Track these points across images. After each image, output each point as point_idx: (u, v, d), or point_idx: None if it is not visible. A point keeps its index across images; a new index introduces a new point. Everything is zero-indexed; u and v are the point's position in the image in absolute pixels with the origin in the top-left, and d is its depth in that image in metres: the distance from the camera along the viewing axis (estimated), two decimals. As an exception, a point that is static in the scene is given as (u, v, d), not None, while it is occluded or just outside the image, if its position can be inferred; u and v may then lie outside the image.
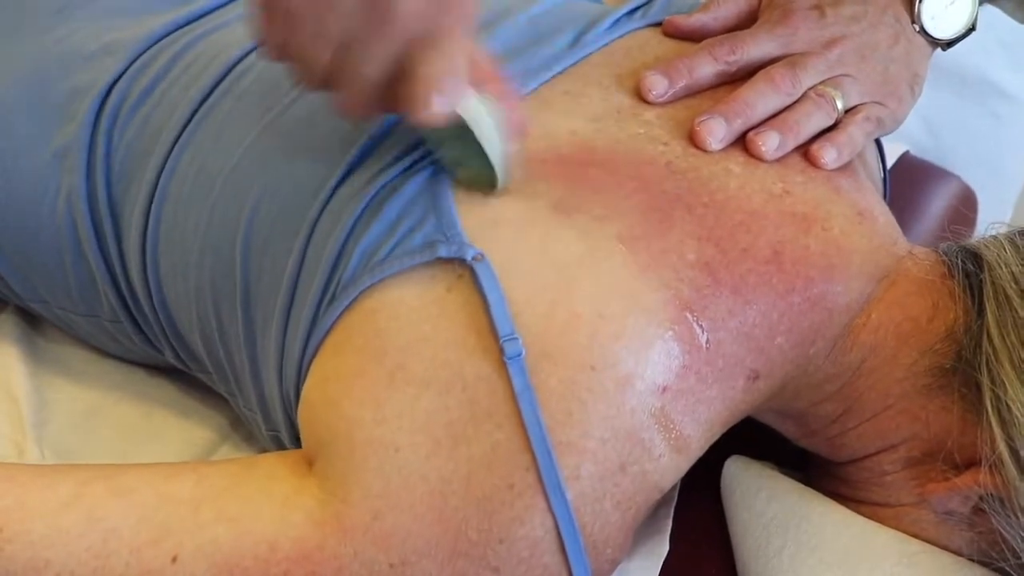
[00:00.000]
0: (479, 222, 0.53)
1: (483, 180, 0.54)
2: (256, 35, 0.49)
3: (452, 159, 0.55)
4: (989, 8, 0.74)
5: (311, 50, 0.48)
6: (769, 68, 0.62)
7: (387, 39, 0.47)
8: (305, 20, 0.47)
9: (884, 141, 0.71)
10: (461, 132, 0.51)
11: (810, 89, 0.61)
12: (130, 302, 0.67)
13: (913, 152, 1.04)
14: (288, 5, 0.46)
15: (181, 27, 0.68)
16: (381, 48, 0.47)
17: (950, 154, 1.15)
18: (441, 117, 0.49)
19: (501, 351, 0.50)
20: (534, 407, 0.50)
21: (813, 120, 0.60)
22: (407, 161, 0.56)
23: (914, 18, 0.66)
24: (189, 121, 0.63)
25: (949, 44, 0.68)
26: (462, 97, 0.50)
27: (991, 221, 0.61)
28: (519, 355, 0.50)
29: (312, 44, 0.47)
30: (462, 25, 0.48)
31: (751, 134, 0.59)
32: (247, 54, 0.65)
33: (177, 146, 0.63)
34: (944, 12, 0.66)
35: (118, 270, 0.65)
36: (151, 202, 0.62)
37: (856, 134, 0.61)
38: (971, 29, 0.67)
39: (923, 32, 0.66)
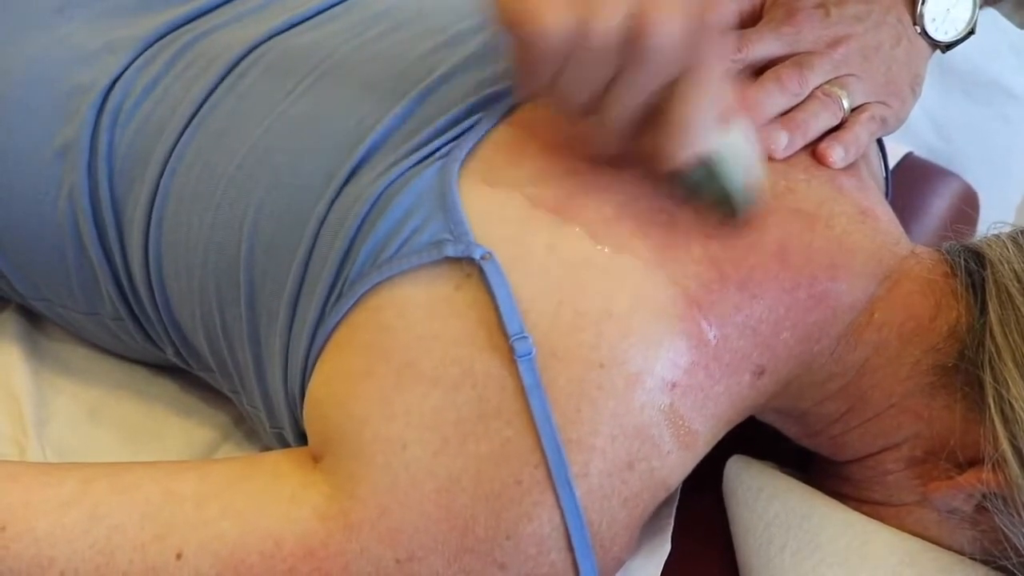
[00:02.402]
0: (486, 220, 0.53)
1: (726, 208, 0.54)
2: (510, 72, 0.49)
3: (694, 184, 0.54)
4: (996, 11, 0.75)
5: (567, 90, 0.48)
6: (776, 68, 0.62)
7: (647, 77, 0.47)
8: (563, 61, 0.47)
9: (890, 140, 0.72)
10: (708, 164, 0.51)
11: (816, 89, 0.62)
12: (132, 300, 0.67)
13: (922, 154, 1.04)
14: (546, 47, 0.46)
15: (181, 25, 0.68)
16: (640, 88, 0.47)
17: (959, 155, 1.16)
18: (693, 160, 0.50)
19: (511, 349, 0.50)
20: (544, 405, 0.50)
21: (820, 119, 0.61)
22: (414, 158, 0.56)
23: (915, 20, 0.66)
24: (191, 120, 0.63)
25: (949, 46, 0.68)
26: (713, 138, 0.50)
27: (995, 221, 0.61)
28: (529, 353, 0.50)
29: (568, 84, 0.48)
30: (717, 61, 0.48)
31: (760, 133, 0.59)
32: (249, 52, 0.65)
33: (179, 144, 0.62)
34: (945, 15, 0.67)
35: (120, 268, 0.65)
36: (153, 201, 0.62)
37: (862, 133, 0.62)
38: (971, 32, 0.68)
39: (924, 34, 0.67)
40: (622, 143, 0.51)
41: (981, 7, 0.68)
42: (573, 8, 0.45)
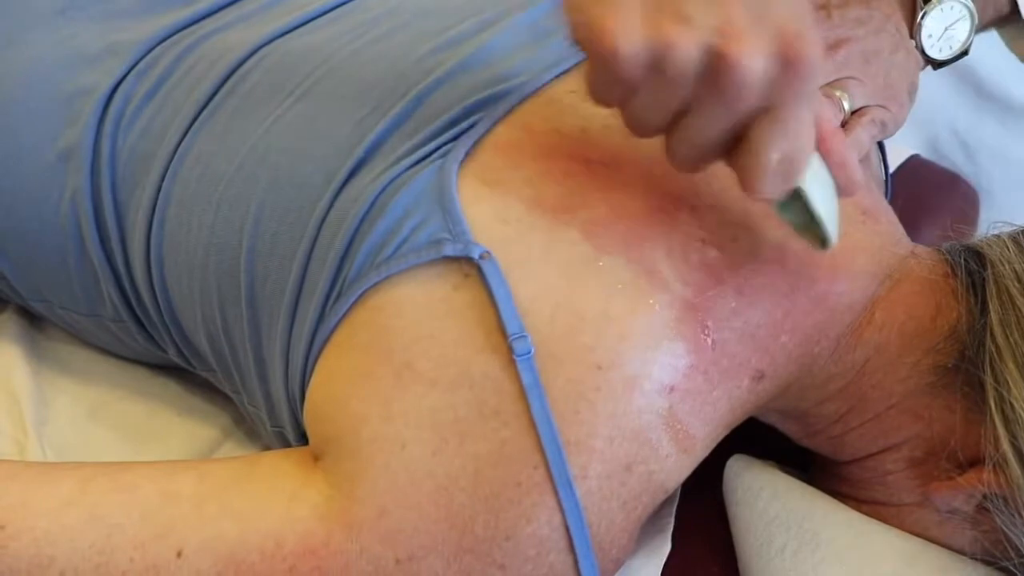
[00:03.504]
0: (485, 220, 0.53)
1: (812, 236, 0.52)
2: (589, 90, 0.47)
3: (780, 207, 0.52)
4: (995, 34, 0.75)
5: (646, 113, 0.46)
6: None
7: (725, 111, 0.44)
8: (642, 86, 0.44)
9: (899, 143, 0.72)
10: (792, 198, 0.50)
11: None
12: (134, 302, 0.67)
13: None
14: (619, 69, 0.43)
15: (183, 28, 0.68)
16: (718, 120, 0.45)
17: (986, 179, 1.16)
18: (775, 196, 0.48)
19: (509, 349, 0.50)
20: (544, 405, 0.50)
21: None
22: (413, 158, 0.56)
23: (912, 33, 0.67)
24: (193, 123, 0.63)
25: (940, 64, 0.69)
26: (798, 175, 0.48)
27: (995, 220, 0.61)
28: (528, 353, 0.50)
29: (646, 109, 0.46)
30: (806, 96, 0.45)
31: None
32: (251, 55, 0.65)
33: (181, 148, 0.62)
34: (942, 33, 0.67)
35: (122, 271, 0.65)
36: (155, 203, 0.62)
37: (863, 136, 0.62)
38: (964, 53, 0.68)
39: (918, 48, 0.67)
40: (699, 165, 0.49)
41: (979, 31, 0.69)
42: (650, 32, 0.42)
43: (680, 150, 0.48)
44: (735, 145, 0.47)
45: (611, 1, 0.43)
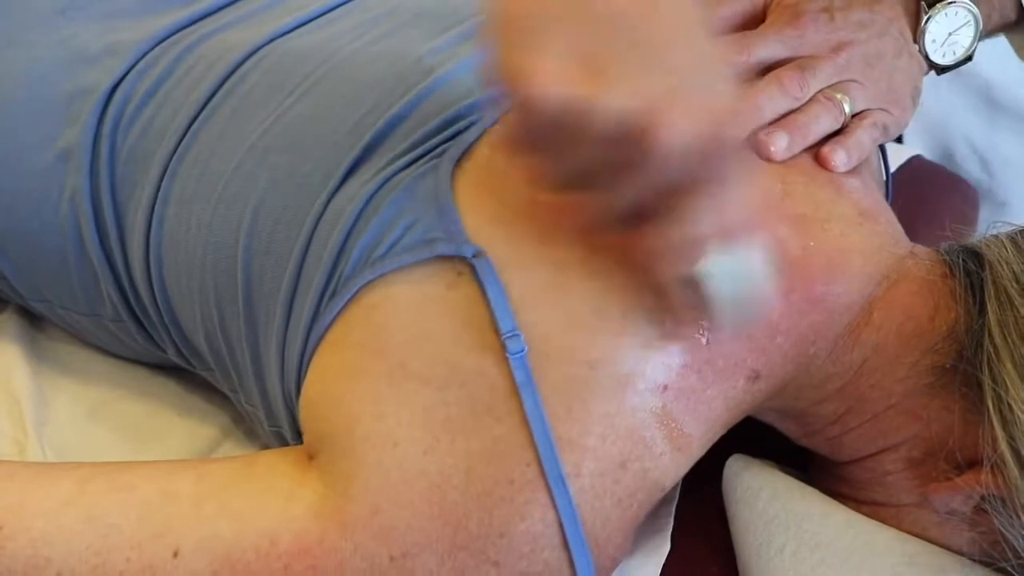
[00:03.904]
0: (479, 219, 0.53)
1: (710, 316, 0.49)
2: (503, 128, 0.43)
3: (681, 284, 0.49)
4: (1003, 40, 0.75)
5: (556, 162, 0.43)
6: (778, 71, 0.61)
7: (640, 179, 0.41)
8: (555, 137, 0.41)
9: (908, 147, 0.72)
10: (697, 278, 0.47)
11: (818, 93, 0.61)
12: (133, 302, 0.67)
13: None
14: (541, 114, 0.39)
15: (183, 28, 0.68)
16: (629, 188, 0.42)
17: (1001, 189, 1.16)
18: (683, 274, 0.46)
19: (503, 347, 0.50)
20: (537, 402, 0.50)
21: (821, 123, 0.60)
22: (409, 158, 0.57)
23: (916, 38, 0.66)
24: (192, 123, 0.63)
25: (944, 69, 0.68)
26: (710, 258, 0.45)
27: (993, 220, 0.61)
28: (521, 352, 0.50)
29: (558, 158, 0.42)
30: (729, 178, 0.42)
31: (760, 135, 0.59)
32: (250, 55, 0.65)
33: (180, 148, 0.63)
34: (946, 38, 0.67)
35: (121, 270, 0.65)
36: (154, 203, 0.63)
37: (864, 138, 0.61)
38: (968, 59, 0.68)
39: (922, 54, 0.67)
40: (605, 228, 0.46)
41: (983, 37, 0.68)
42: (580, 80, 0.39)
43: (585, 207, 0.45)
44: (647, 213, 0.44)
45: (539, 41, 0.39)
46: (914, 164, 1.01)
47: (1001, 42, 0.72)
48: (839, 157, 0.60)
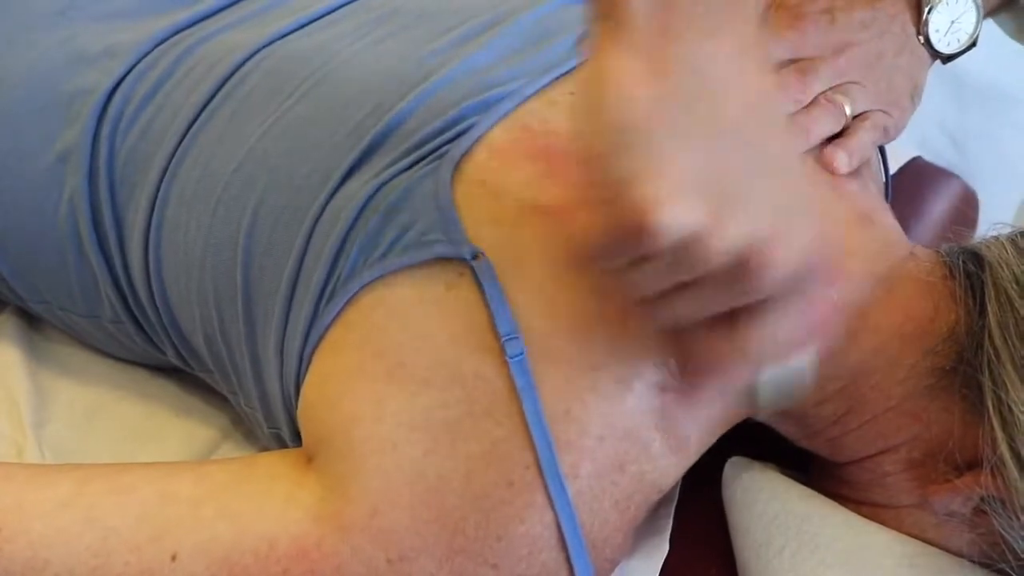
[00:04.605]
0: (479, 220, 0.53)
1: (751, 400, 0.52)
2: (586, 247, 0.42)
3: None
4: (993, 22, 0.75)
5: (639, 279, 0.42)
6: (779, 73, 0.61)
7: (725, 299, 0.42)
8: (656, 257, 0.40)
9: (900, 146, 0.72)
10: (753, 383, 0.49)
11: (819, 95, 0.61)
12: (132, 303, 0.67)
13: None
14: (650, 242, 0.38)
15: (183, 30, 0.68)
16: (713, 303, 0.43)
17: (973, 165, 1.16)
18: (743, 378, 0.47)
19: (502, 350, 0.50)
20: (536, 405, 0.50)
21: (822, 125, 0.61)
22: (410, 159, 0.56)
23: (920, 29, 0.66)
24: (191, 125, 0.63)
25: (950, 58, 0.68)
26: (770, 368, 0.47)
27: (995, 221, 0.61)
28: (521, 354, 0.50)
29: (643, 276, 0.42)
30: (805, 297, 0.43)
31: None
32: (250, 57, 0.65)
33: (180, 150, 0.63)
34: (949, 27, 0.67)
35: (120, 272, 0.65)
36: (153, 205, 0.62)
37: (865, 140, 0.62)
38: (972, 44, 0.68)
39: (927, 44, 0.67)
40: (673, 327, 0.46)
41: (984, 18, 0.68)
42: (702, 213, 0.38)
43: (663, 315, 0.45)
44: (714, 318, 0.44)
45: (660, 160, 0.37)
46: (914, 166, 1.01)
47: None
48: (841, 159, 0.60)
